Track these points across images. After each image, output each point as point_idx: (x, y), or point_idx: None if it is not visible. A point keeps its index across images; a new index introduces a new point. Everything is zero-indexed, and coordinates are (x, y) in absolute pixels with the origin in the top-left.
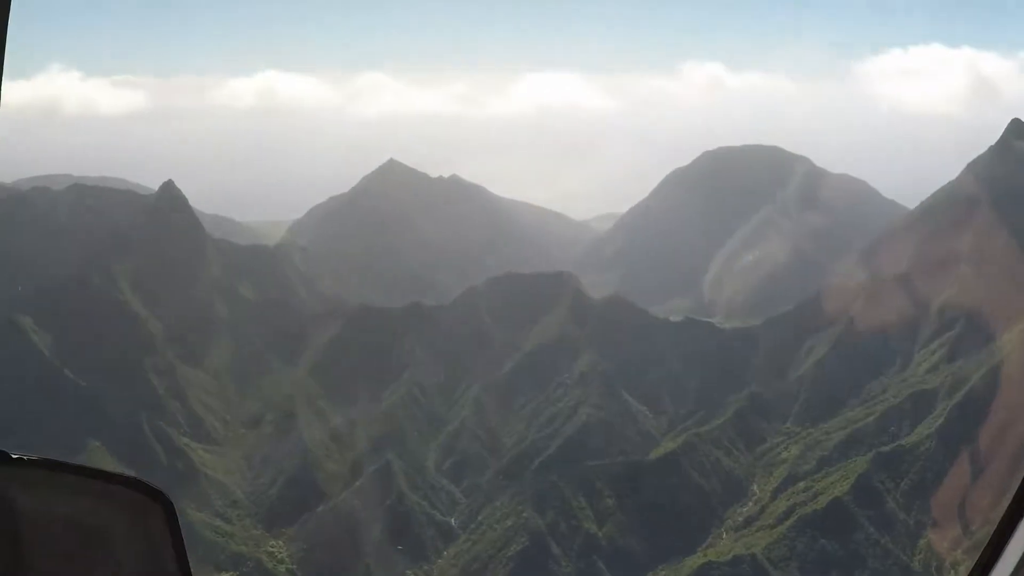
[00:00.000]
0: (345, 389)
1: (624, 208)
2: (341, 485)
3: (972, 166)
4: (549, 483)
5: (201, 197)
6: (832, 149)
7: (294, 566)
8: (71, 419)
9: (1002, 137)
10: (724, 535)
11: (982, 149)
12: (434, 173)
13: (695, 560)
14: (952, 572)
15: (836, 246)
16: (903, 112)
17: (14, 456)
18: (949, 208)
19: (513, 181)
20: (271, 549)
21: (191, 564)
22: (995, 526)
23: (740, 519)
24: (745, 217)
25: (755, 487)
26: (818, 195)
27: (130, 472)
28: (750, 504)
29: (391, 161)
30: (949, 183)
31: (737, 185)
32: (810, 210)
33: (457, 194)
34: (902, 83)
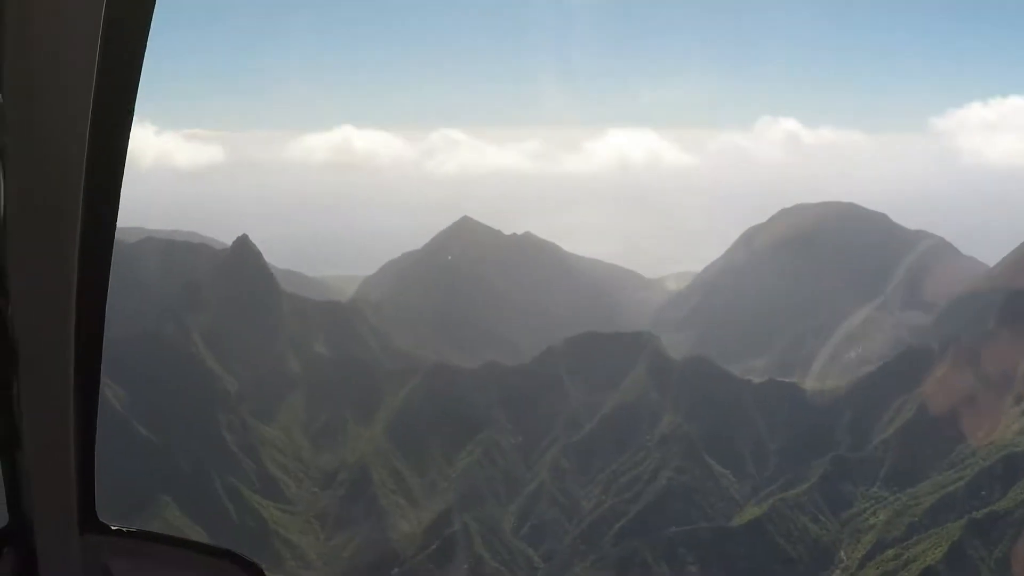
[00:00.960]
0: (421, 449)
1: (699, 266)
2: (416, 548)
3: None
4: (630, 549)
5: (274, 251)
6: (910, 204)
7: None
8: (143, 474)
9: None
10: None
11: None
12: (508, 230)
13: None
14: None
15: (915, 304)
16: (983, 166)
17: (113, 528)
18: None
19: (586, 238)
20: None
21: None
22: None
23: None
24: (822, 276)
25: (843, 554)
26: (896, 253)
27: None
28: (838, 572)
29: (465, 218)
30: None
31: (814, 242)
32: (888, 269)
33: (531, 251)
34: (981, 136)
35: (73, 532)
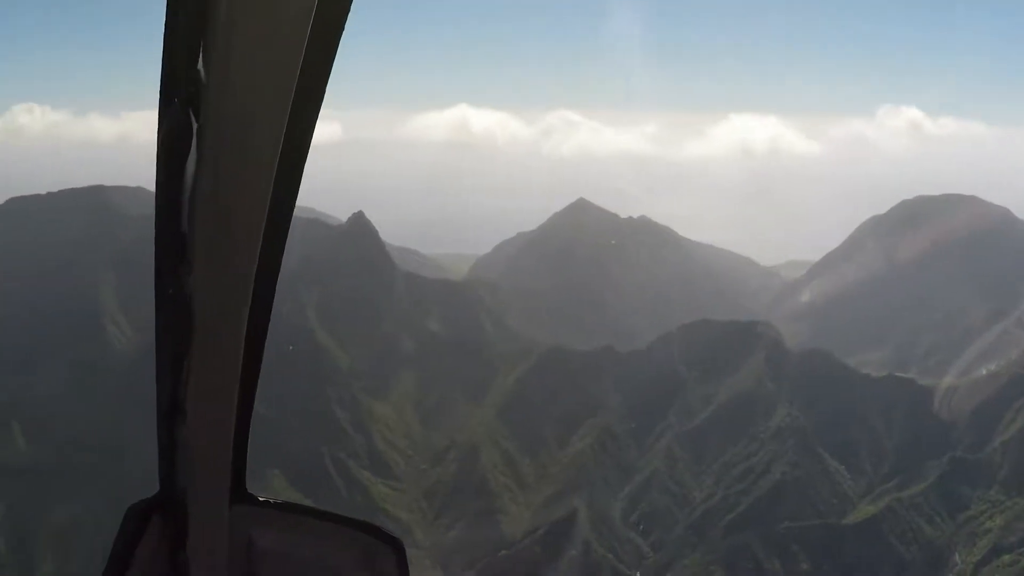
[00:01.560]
0: (532, 431)
1: (817, 255)
2: (524, 531)
3: None
4: (741, 542)
5: (389, 229)
6: None
7: None
8: (253, 447)
9: None
10: None
11: None
12: (624, 213)
13: None
14: None
15: None
16: None
17: (260, 499)
18: None
19: (703, 223)
20: None
21: None
22: None
23: None
24: (941, 269)
25: (957, 558)
26: (1017, 248)
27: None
28: None
29: (581, 200)
30: None
31: (934, 235)
32: (1009, 265)
33: (646, 235)
34: None
35: (224, 503)
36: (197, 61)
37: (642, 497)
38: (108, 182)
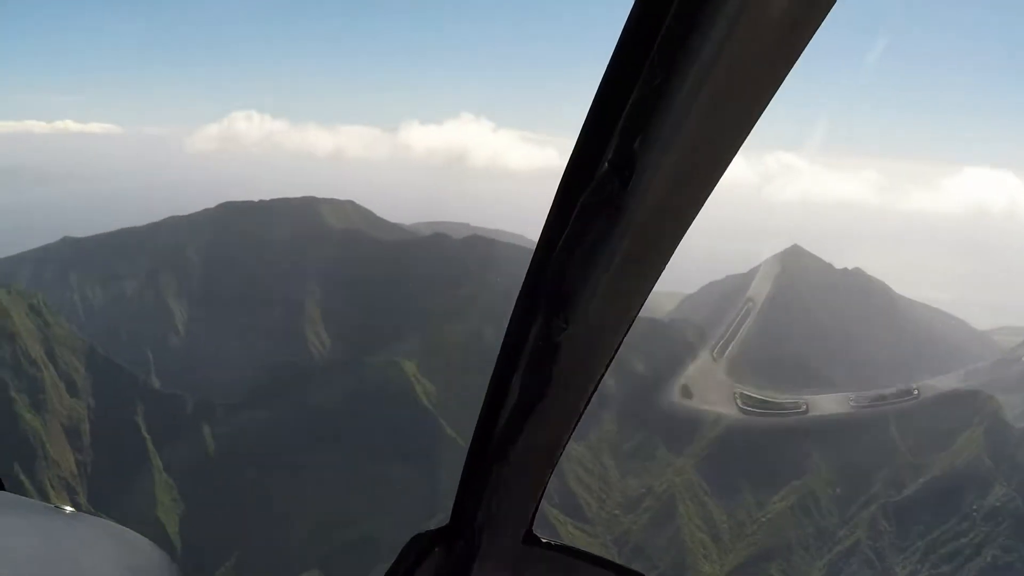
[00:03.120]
0: (731, 486)
1: None
2: None
3: None
4: None
5: None
6: None
7: None
8: (445, 474)
9: None
10: None
11: None
12: (839, 264)
13: None
14: None
15: None
16: None
17: (543, 540)
18: None
19: (917, 279)
20: None
21: None
22: None
23: None
24: None
25: None
26: None
27: None
28: None
29: (795, 246)
30: None
31: None
32: None
33: (859, 288)
34: None
35: (516, 542)
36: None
37: (842, 568)
38: (319, 194)
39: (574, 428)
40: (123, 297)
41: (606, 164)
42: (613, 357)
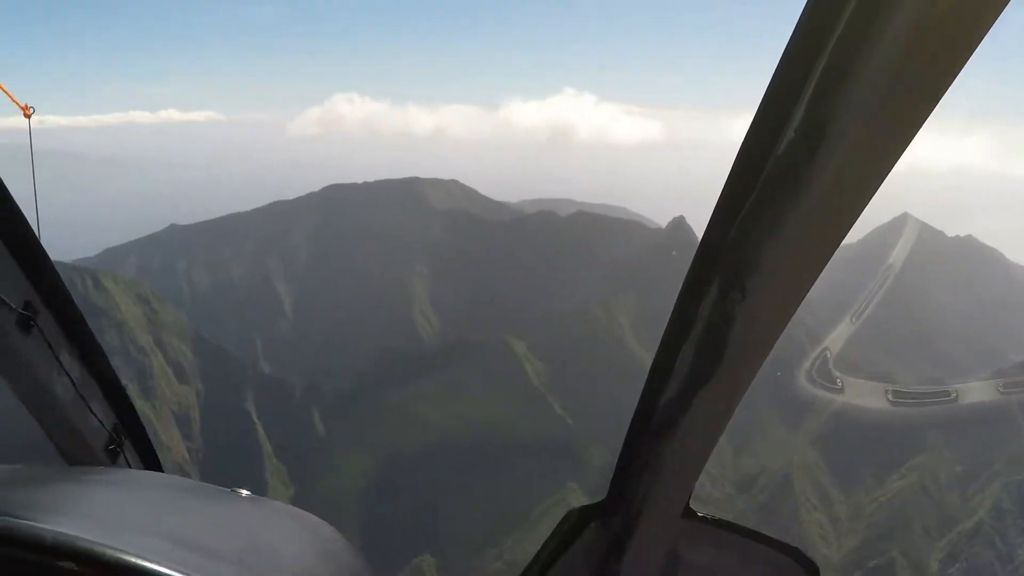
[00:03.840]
0: (850, 466)
1: None
2: (835, 574)
3: None
4: None
5: None
6: None
7: None
8: (552, 454)
9: None
10: None
11: None
12: (951, 232)
13: None
14: None
15: None
16: None
17: (700, 514)
18: None
19: None
20: None
21: None
22: None
23: None
24: None
25: None
26: None
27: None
28: None
29: (905, 214)
30: None
31: None
32: None
33: (970, 256)
34: None
35: (675, 517)
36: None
37: (963, 551)
38: (423, 174)
39: (738, 401)
40: (230, 283)
41: (792, 131)
42: (783, 330)
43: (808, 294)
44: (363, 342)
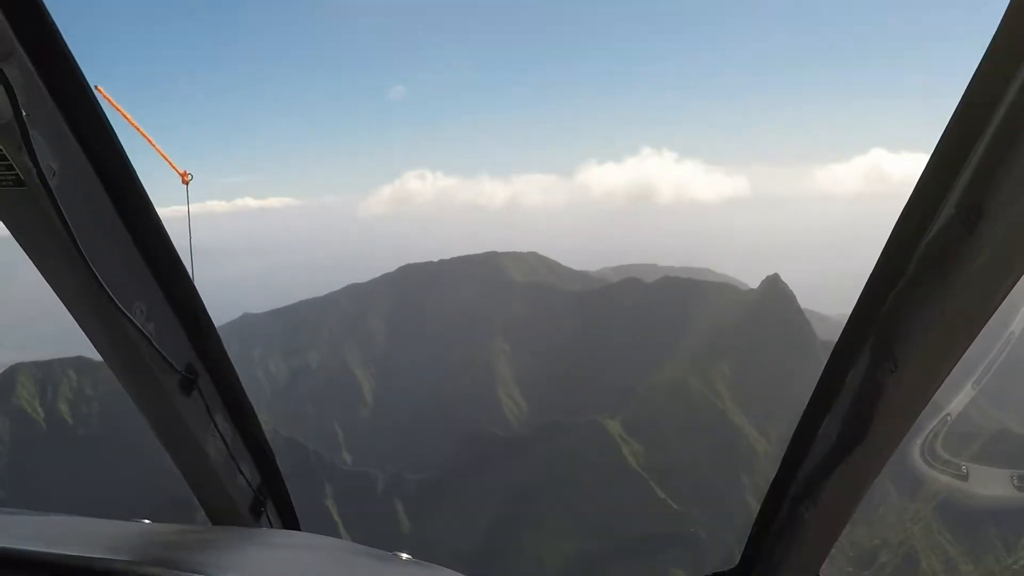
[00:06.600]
0: (973, 528)
1: None
2: None
3: None
4: None
5: (806, 293)
6: None
7: None
8: (660, 541)
9: None
10: None
11: None
12: None
13: None
14: None
15: None
16: None
17: None
18: None
19: None
20: None
21: None
22: None
23: None
24: None
25: None
26: None
27: None
28: None
29: None
30: None
31: None
32: None
33: None
34: None
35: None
36: None
37: None
38: (499, 247)
39: (880, 470)
40: (307, 370)
41: (953, 208)
42: (928, 401)
43: None
44: (448, 427)
